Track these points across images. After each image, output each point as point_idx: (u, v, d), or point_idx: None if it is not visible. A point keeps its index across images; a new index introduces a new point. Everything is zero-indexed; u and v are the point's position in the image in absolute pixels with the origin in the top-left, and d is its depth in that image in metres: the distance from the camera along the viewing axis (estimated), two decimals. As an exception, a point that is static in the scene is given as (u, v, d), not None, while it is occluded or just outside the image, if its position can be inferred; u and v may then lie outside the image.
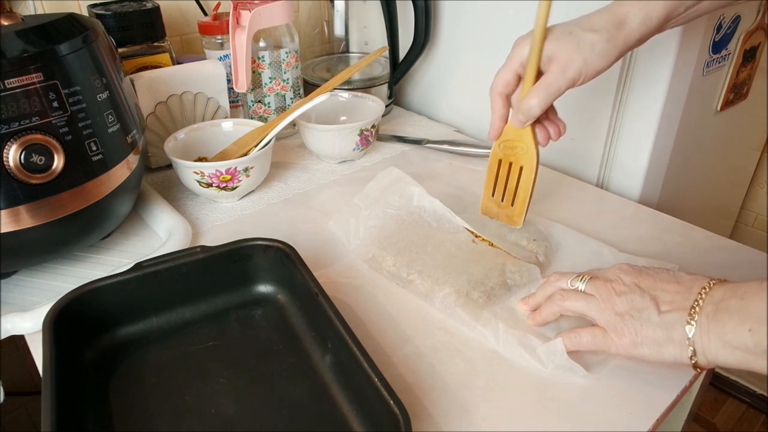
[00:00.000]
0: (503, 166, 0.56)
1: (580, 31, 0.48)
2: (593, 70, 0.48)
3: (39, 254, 0.54)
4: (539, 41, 0.48)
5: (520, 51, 0.50)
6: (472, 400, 0.43)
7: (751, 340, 0.35)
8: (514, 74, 0.51)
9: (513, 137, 0.54)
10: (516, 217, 0.57)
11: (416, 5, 0.84)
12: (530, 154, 0.54)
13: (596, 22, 0.48)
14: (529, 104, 0.50)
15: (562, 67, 0.48)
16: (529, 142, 0.53)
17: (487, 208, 0.60)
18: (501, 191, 0.57)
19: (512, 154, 0.55)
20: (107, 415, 0.41)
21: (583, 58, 0.47)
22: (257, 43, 0.77)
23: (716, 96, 0.78)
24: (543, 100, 0.50)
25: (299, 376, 0.44)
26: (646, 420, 0.41)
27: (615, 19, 0.47)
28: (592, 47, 0.47)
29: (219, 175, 0.64)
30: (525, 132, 0.53)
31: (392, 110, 0.98)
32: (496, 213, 0.59)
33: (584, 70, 0.48)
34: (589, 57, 0.47)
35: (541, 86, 0.49)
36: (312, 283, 0.46)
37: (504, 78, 0.52)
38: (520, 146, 0.54)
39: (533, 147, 0.53)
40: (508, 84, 0.52)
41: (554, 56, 0.48)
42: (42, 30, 0.48)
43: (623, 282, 0.42)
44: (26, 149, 0.46)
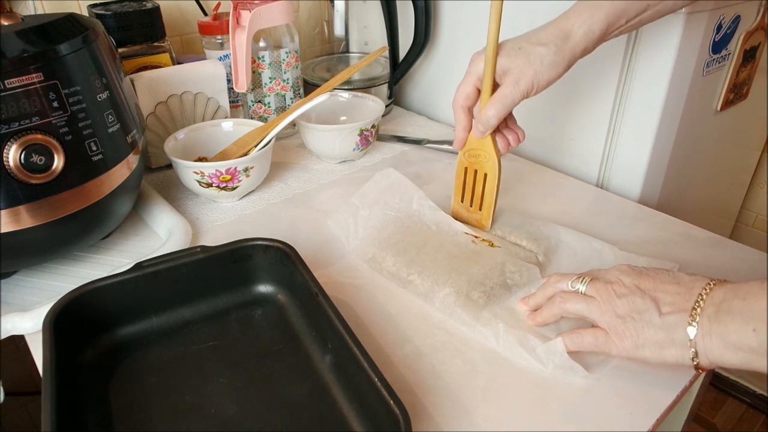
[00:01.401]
0: (469, 173, 0.60)
1: (529, 45, 0.51)
2: (544, 81, 0.52)
3: (39, 254, 0.54)
4: (492, 57, 0.52)
5: (477, 66, 0.54)
6: (472, 400, 0.43)
7: (755, 340, 0.35)
8: (473, 88, 0.55)
9: (476, 146, 0.58)
10: (484, 220, 0.60)
11: (416, 5, 0.84)
12: (492, 162, 0.57)
13: (544, 36, 0.51)
14: (487, 115, 0.54)
15: (515, 80, 0.51)
16: (491, 150, 0.57)
17: (457, 213, 0.63)
18: (469, 197, 0.61)
19: (476, 162, 0.59)
20: (107, 415, 0.41)
21: (534, 70, 0.51)
22: (257, 43, 0.77)
23: (716, 96, 0.78)
24: (499, 111, 0.53)
25: (299, 376, 0.44)
26: (647, 420, 0.41)
27: (561, 33, 0.51)
28: (542, 60, 0.51)
29: (219, 175, 0.64)
30: (486, 141, 0.57)
31: (392, 110, 0.98)
32: (466, 217, 0.62)
33: (535, 81, 0.51)
34: (539, 69, 0.51)
35: (497, 99, 0.53)
36: (312, 283, 0.46)
37: (464, 92, 0.55)
38: (483, 154, 0.58)
39: (494, 155, 0.57)
40: (468, 97, 0.56)
41: (507, 70, 0.52)
42: (42, 30, 0.48)
43: (624, 284, 0.42)
44: (26, 149, 0.46)
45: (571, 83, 0.73)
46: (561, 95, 0.75)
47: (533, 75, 0.51)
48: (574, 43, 0.51)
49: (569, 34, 0.51)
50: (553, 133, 0.78)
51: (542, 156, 0.81)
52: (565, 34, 0.51)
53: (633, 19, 0.52)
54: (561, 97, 0.75)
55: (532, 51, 0.51)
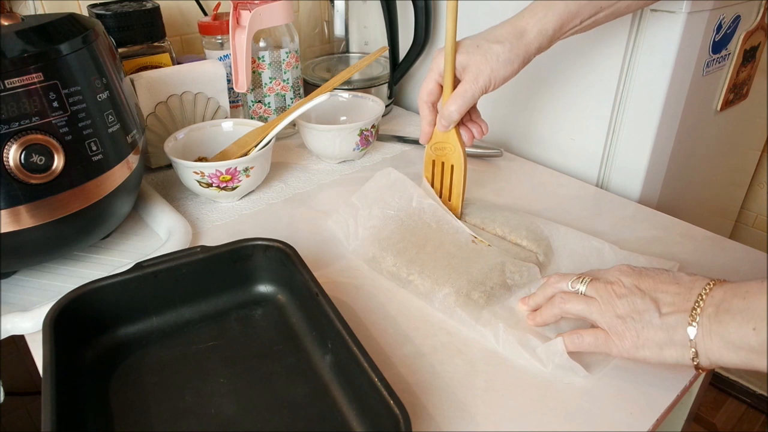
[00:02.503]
0: (437, 166, 0.63)
1: (486, 43, 0.54)
2: (500, 77, 0.54)
3: (39, 254, 0.54)
4: (451, 54, 0.54)
5: (438, 63, 0.56)
6: (472, 400, 0.43)
7: (755, 339, 0.35)
8: (436, 84, 0.57)
9: (442, 139, 0.60)
10: (454, 210, 0.62)
11: (416, 5, 0.84)
12: (458, 154, 0.60)
13: (500, 34, 0.54)
14: (449, 111, 0.56)
15: (474, 76, 0.54)
16: (455, 143, 0.59)
17: None
18: (438, 188, 0.63)
19: (443, 154, 0.61)
20: (107, 415, 0.41)
21: (491, 67, 0.53)
22: (257, 43, 0.77)
23: (716, 96, 0.78)
24: (460, 107, 0.55)
25: (299, 376, 0.44)
26: (646, 420, 0.41)
27: (515, 31, 0.54)
28: (497, 57, 0.53)
29: (219, 175, 0.64)
30: (451, 134, 0.59)
31: (392, 110, 0.98)
32: None
33: (492, 77, 0.54)
34: (495, 66, 0.53)
35: (458, 94, 0.55)
36: (312, 283, 0.46)
37: (427, 88, 0.58)
38: (449, 147, 0.60)
39: (459, 147, 0.59)
40: (431, 93, 0.58)
41: (467, 66, 0.54)
42: (42, 30, 0.48)
43: (623, 284, 0.42)
44: (26, 149, 0.46)
45: (572, 83, 0.73)
46: (561, 95, 0.75)
47: (490, 72, 0.53)
48: (528, 41, 0.53)
49: (523, 32, 0.53)
50: (553, 133, 0.78)
51: (542, 156, 0.81)
52: (519, 32, 0.53)
53: (587, 20, 0.54)
54: (561, 97, 0.75)
55: (489, 48, 0.53)
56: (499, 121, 0.84)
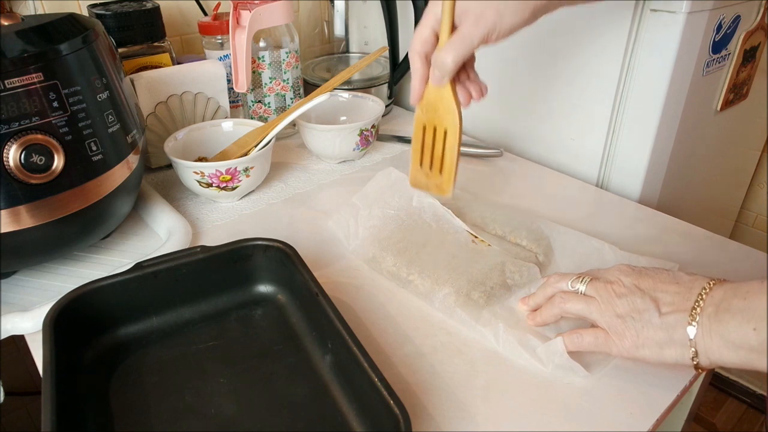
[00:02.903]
0: (428, 132, 0.53)
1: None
2: (506, 24, 0.47)
3: (39, 254, 0.54)
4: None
5: (435, 7, 0.49)
6: (472, 400, 0.43)
7: (755, 339, 0.35)
8: (431, 31, 0.50)
9: (434, 98, 0.51)
10: (445, 185, 0.54)
11: (416, 5, 0.84)
12: (452, 115, 0.51)
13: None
14: (444, 58, 0.48)
15: (475, 19, 0.47)
16: (450, 102, 0.51)
17: (416, 180, 0.56)
18: (428, 159, 0.54)
19: (435, 117, 0.52)
20: (107, 415, 0.41)
21: (496, 10, 0.46)
22: (257, 43, 0.77)
23: (716, 96, 0.78)
24: (458, 54, 0.48)
25: (299, 376, 0.44)
26: (646, 420, 0.41)
27: None
28: (506, 2, 0.46)
29: (219, 175, 0.64)
30: (445, 92, 0.51)
31: (392, 110, 0.98)
32: (425, 184, 0.55)
33: (498, 22, 0.47)
34: (503, 10, 0.46)
35: (455, 39, 0.48)
36: (312, 283, 0.46)
37: (421, 36, 0.50)
38: (442, 107, 0.51)
39: (455, 107, 0.51)
40: (426, 42, 0.50)
41: (468, 9, 0.47)
42: (42, 30, 0.48)
43: (623, 284, 0.42)
44: (26, 149, 0.46)
45: (572, 83, 0.73)
46: (561, 95, 0.75)
47: (496, 15, 0.46)
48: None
49: None
50: (553, 133, 0.78)
51: (542, 156, 0.81)
52: None
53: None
54: (561, 97, 0.75)
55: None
56: (499, 121, 0.84)
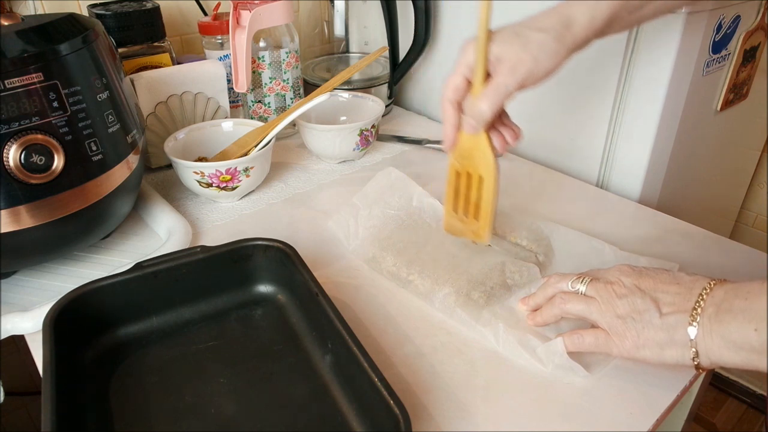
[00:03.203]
0: (462, 178, 0.53)
1: (527, 31, 0.47)
2: (543, 69, 0.47)
3: (39, 254, 0.54)
4: (484, 42, 0.46)
5: (467, 55, 0.49)
6: (472, 400, 0.43)
7: (756, 340, 0.35)
8: (464, 79, 0.49)
9: (469, 145, 0.51)
10: (482, 231, 0.53)
11: (416, 5, 0.84)
12: (488, 162, 0.50)
13: (544, 22, 0.47)
14: (480, 108, 0.48)
15: (511, 67, 0.46)
16: (486, 149, 0.50)
17: (450, 226, 0.55)
18: (463, 206, 0.53)
19: (470, 164, 0.52)
20: (107, 415, 0.41)
21: (532, 57, 0.46)
22: (257, 43, 0.77)
23: (716, 96, 0.78)
24: (494, 103, 0.48)
25: (299, 376, 0.44)
26: (646, 420, 0.41)
27: (562, 19, 0.47)
28: (541, 47, 0.46)
29: (219, 175, 0.64)
30: (480, 139, 0.50)
31: (392, 110, 0.98)
32: (461, 230, 0.55)
33: (534, 69, 0.46)
34: (538, 56, 0.46)
35: (491, 88, 0.47)
36: (312, 283, 0.46)
37: (453, 83, 0.50)
38: (477, 154, 0.51)
39: (490, 154, 0.50)
40: (458, 89, 0.50)
41: (502, 57, 0.47)
42: (42, 30, 0.48)
43: (624, 284, 0.42)
44: (26, 149, 0.46)
45: (571, 83, 0.73)
46: (561, 95, 0.75)
47: (531, 62, 0.46)
48: (576, 31, 0.47)
49: (571, 21, 0.47)
50: (553, 133, 0.78)
51: (542, 156, 0.81)
52: (566, 20, 0.47)
53: (635, 13, 0.49)
54: (561, 97, 0.75)
55: (531, 36, 0.46)
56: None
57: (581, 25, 0.47)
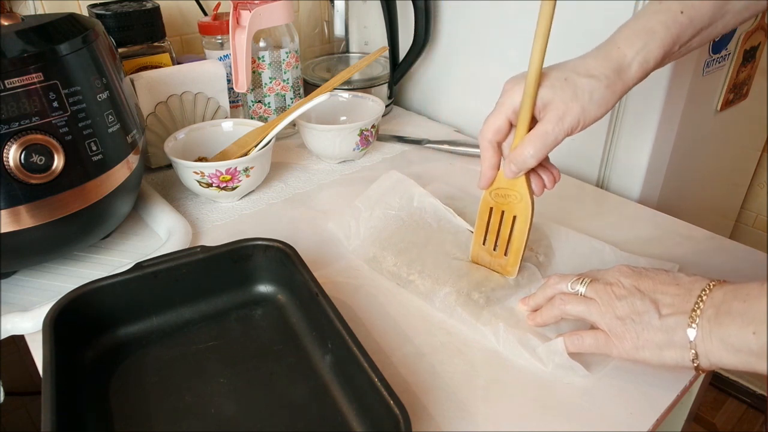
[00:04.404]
0: (495, 213, 0.53)
1: (576, 77, 0.44)
2: (591, 118, 0.45)
3: (39, 254, 0.54)
4: (534, 86, 0.44)
5: (513, 97, 0.46)
6: (472, 400, 0.43)
7: (755, 343, 0.35)
8: (506, 121, 0.47)
9: (506, 186, 0.50)
10: (510, 267, 0.53)
11: (416, 5, 0.84)
12: (525, 204, 0.50)
13: (594, 67, 0.45)
14: (524, 155, 0.46)
15: (560, 115, 0.44)
16: (524, 191, 0.50)
17: (478, 256, 0.55)
18: (493, 240, 0.53)
19: (505, 202, 0.51)
20: (107, 415, 0.41)
21: (581, 106, 0.44)
22: (257, 43, 0.77)
23: (716, 96, 0.78)
24: (539, 151, 0.46)
25: (299, 376, 0.44)
26: (646, 420, 0.41)
27: (613, 64, 0.45)
28: (591, 95, 0.44)
29: (219, 175, 0.64)
30: (519, 181, 0.50)
31: (392, 110, 0.98)
32: (488, 262, 0.54)
33: (582, 118, 0.45)
34: (587, 105, 0.44)
35: (537, 135, 0.45)
36: (312, 283, 0.46)
37: (495, 125, 0.48)
38: (514, 195, 0.50)
39: (528, 196, 0.50)
40: (499, 131, 0.48)
41: (550, 103, 0.45)
42: (42, 30, 0.48)
43: (623, 285, 0.42)
44: (26, 149, 0.46)
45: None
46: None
47: (580, 111, 0.44)
48: (628, 77, 0.45)
49: (622, 65, 0.44)
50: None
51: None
52: (617, 65, 0.44)
53: (685, 44, 0.46)
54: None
55: (580, 83, 0.44)
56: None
57: (633, 70, 0.45)
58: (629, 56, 0.44)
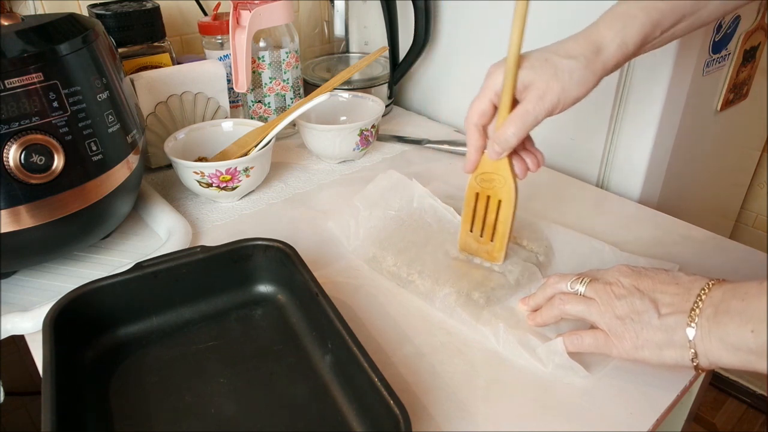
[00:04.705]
0: (480, 199, 0.53)
1: (556, 57, 0.46)
2: (571, 97, 0.47)
3: (39, 254, 0.54)
4: (513, 68, 0.46)
5: (495, 80, 0.48)
6: (472, 400, 0.43)
7: (753, 342, 0.35)
8: (490, 104, 0.49)
9: (490, 169, 0.52)
10: (496, 252, 0.54)
11: (416, 5, 0.84)
12: (508, 187, 0.51)
13: (573, 49, 0.46)
14: (506, 134, 0.48)
15: (540, 95, 0.46)
16: (507, 174, 0.51)
17: (466, 244, 0.56)
18: (480, 226, 0.54)
19: (490, 187, 0.52)
20: (107, 415, 0.41)
21: (561, 85, 0.46)
22: (257, 43, 0.77)
23: (716, 96, 0.78)
24: (520, 129, 0.47)
25: (299, 376, 0.44)
26: (646, 420, 0.41)
27: (592, 46, 0.46)
28: (570, 74, 0.46)
29: (219, 175, 0.64)
30: (502, 164, 0.51)
31: (392, 110, 0.98)
32: (476, 249, 0.55)
33: (562, 97, 0.46)
34: (567, 84, 0.46)
35: (518, 115, 0.47)
36: (312, 283, 0.46)
37: (479, 108, 0.49)
38: (498, 179, 0.52)
39: (511, 179, 0.51)
40: (484, 114, 0.49)
41: (531, 84, 0.46)
42: (42, 30, 0.48)
43: (622, 285, 0.42)
44: (26, 149, 0.46)
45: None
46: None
47: (560, 90, 0.46)
48: (606, 58, 0.46)
49: (601, 47, 0.46)
50: (553, 133, 0.78)
51: (542, 156, 0.81)
52: (596, 46, 0.46)
53: (667, 31, 0.47)
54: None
55: (560, 64, 0.46)
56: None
57: (611, 51, 0.46)
58: (608, 38, 0.46)
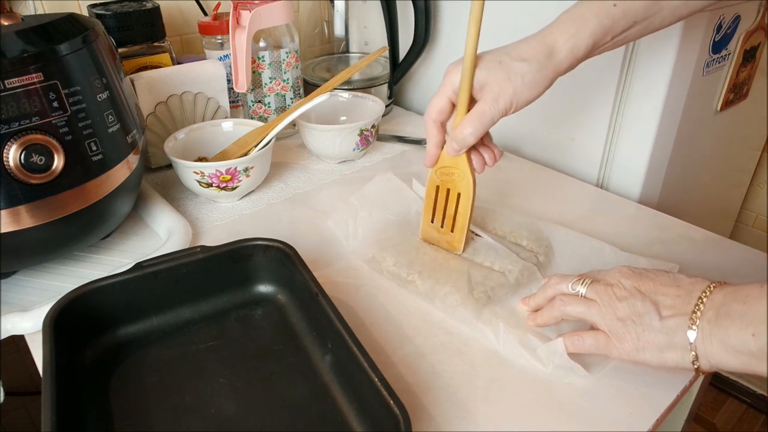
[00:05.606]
0: (441, 192, 0.56)
1: (509, 60, 0.48)
2: (524, 99, 0.48)
3: (39, 254, 0.54)
4: (470, 69, 0.48)
5: (453, 78, 0.50)
6: (472, 400, 0.43)
7: (754, 345, 0.35)
8: (448, 101, 0.51)
9: (449, 164, 0.54)
10: (456, 243, 0.56)
11: (416, 5, 0.84)
12: (467, 181, 0.53)
13: (526, 52, 0.48)
14: (463, 133, 0.50)
15: (494, 96, 0.48)
16: (465, 168, 0.53)
17: (427, 234, 0.58)
18: (440, 217, 0.57)
19: (449, 180, 0.55)
20: (107, 415, 0.41)
21: (514, 88, 0.47)
22: (257, 43, 0.77)
23: (716, 96, 0.78)
24: (477, 129, 0.49)
25: (299, 376, 0.44)
26: (646, 420, 0.41)
27: (544, 49, 0.47)
28: (522, 78, 0.47)
29: (219, 175, 0.64)
30: (461, 159, 0.53)
31: (392, 110, 0.98)
32: (437, 239, 0.58)
33: (515, 99, 0.48)
34: (519, 87, 0.47)
35: (475, 115, 0.49)
36: (312, 283, 0.46)
37: (437, 105, 0.51)
38: (457, 173, 0.54)
39: (469, 173, 0.53)
40: (442, 111, 0.51)
41: (486, 85, 0.48)
42: (42, 30, 0.48)
43: (624, 286, 0.42)
44: (26, 149, 0.46)
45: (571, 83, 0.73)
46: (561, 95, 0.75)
47: (513, 93, 0.48)
48: (558, 61, 0.48)
49: (553, 50, 0.47)
50: (553, 133, 0.78)
51: (542, 156, 0.81)
52: (548, 50, 0.47)
53: (618, 36, 0.49)
54: (561, 97, 0.75)
55: (513, 66, 0.47)
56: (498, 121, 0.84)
57: (563, 54, 0.48)
58: (560, 42, 0.48)
